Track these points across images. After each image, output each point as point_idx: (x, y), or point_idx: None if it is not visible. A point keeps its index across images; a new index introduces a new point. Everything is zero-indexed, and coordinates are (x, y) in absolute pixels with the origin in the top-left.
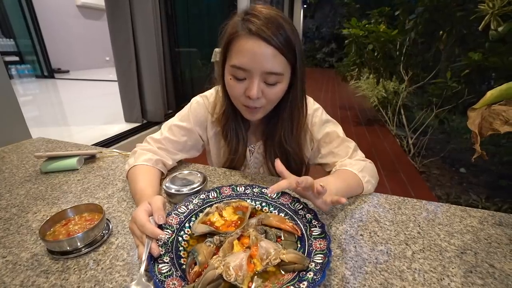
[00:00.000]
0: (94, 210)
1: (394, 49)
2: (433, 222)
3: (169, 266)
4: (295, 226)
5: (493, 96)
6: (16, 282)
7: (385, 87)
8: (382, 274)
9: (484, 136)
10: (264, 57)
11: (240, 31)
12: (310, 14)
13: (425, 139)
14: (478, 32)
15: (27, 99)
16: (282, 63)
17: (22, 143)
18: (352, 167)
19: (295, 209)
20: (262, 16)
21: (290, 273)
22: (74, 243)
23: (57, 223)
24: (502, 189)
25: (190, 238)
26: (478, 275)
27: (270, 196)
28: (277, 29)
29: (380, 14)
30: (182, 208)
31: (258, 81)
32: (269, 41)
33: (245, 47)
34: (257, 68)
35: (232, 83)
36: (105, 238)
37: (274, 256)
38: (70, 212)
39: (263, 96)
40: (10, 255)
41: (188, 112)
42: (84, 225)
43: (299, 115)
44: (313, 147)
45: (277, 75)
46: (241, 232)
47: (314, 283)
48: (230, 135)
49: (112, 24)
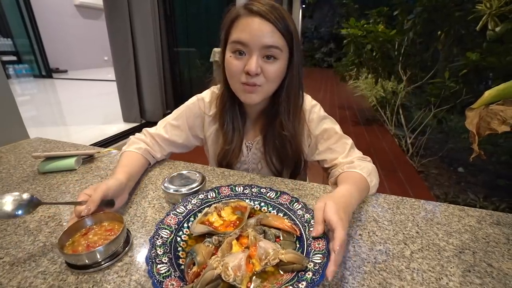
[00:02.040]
0: (113, 219)
1: (392, 49)
2: (432, 222)
3: (167, 267)
4: (294, 226)
5: (491, 96)
6: (13, 283)
7: (384, 87)
8: (380, 273)
9: (482, 136)
10: (263, 32)
11: (241, 12)
12: (309, 14)
13: (424, 139)
14: (476, 32)
15: (25, 99)
16: (281, 40)
17: (20, 143)
18: (361, 170)
19: (293, 209)
20: (263, 1)
21: (289, 273)
22: (94, 256)
23: (77, 233)
24: (500, 189)
25: (188, 238)
26: (476, 275)
27: (270, 198)
28: (278, 13)
29: (378, 14)
30: (180, 208)
31: (257, 56)
32: (269, 19)
33: (246, 24)
34: (256, 42)
35: (231, 60)
36: (126, 251)
37: (273, 256)
38: (89, 220)
39: (262, 73)
40: (7, 256)
41: (183, 112)
42: (104, 235)
43: (295, 98)
44: (310, 143)
45: (275, 48)
46: (240, 232)
47: (313, 283)
48: (226, 124)
49: (110, 24)
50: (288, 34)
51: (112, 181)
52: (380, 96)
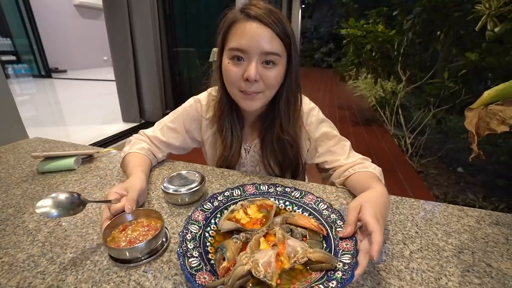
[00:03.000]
0: (151, 216)
1: (392, 49)
2: (431, 222)
3: (198, 261)
4: (320, 226)
5: (490, 96)
6: (12, 283)
7: (383, 87)
8: (380, 273)
9: (481, 136)
10: (262, 38)
11: (239, 17)
12: (308, 14)
13: (423, 139)
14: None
15: (24, 99)
16: (280, 46)
17: (19, 143)
18: (374, 169)
19: (319, 209)
20: (260, 5)
21: (317, 272)
22: (136, 251)
23: (115, 228)
24: (499, 189)
25: (216, 234)
26: (475, 274)
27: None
28: (275, 17)
29: (378, 14)
30: (207, 205)
31: (256, 63)
32: (267, 24)
33: (244, 30)
34: (255, 48)
35: (230, 67)
36: (165, 247)
37: (302, 255)
38: (128, 216)
39: (261, 79)
40: (6, 256)
41: (180, 115)
42: (141, 231)
43: (295, 102)
44: (309, 146)
45: (274, 55)
46: (267, 230)
47: (343, 282)
48: (225, 130)
49: (110, 24)
50: (286, 38)
51: (138, 180)
52: (380, 96)
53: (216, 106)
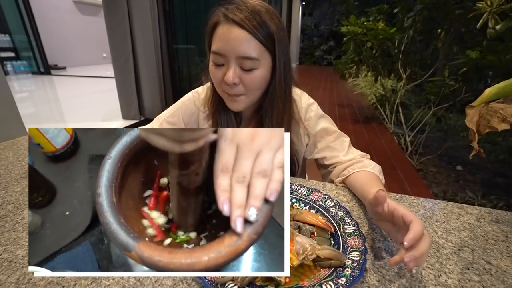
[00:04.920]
0: None
1: (392, 47)
2: (431, 219)
3: None
4: (328, 223)
5: (491, 93)
6: (12, 280)
7: (383, 85)
8: (380, 271)
9: (482, 134)
10: (237, 41)
11: (220, 19)
12: (308, 11)
13: (423, 137)
14: (476, 30)
15: (23, 96)
16: (257, 48)
17: (18, 140)
18: (373, 169)
19: (326, 207)
20: (243, 6)
21: (326, 269)
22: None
23: None
24: (498, 187)
25: None
26: (475, 272)
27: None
28: (252, 14)
29: (378, 11)
30: None
31: (234, 66)
32: (242, 25)
33: (222, 33)
34: (231, 52)
35: (213, 69)
36: None
37: (310, 252)
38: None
39: (241, 82)
40: (6, 252)
41: (179, 109)
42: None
43: (282, 104)
44: (308, 142)
45: (252, 60)
46: None
47: (353, 279)
48: (221, 126)
49: (109, 20)
50: (267, 38)
51: None
52: (380, 94)
53: (209, 102)
